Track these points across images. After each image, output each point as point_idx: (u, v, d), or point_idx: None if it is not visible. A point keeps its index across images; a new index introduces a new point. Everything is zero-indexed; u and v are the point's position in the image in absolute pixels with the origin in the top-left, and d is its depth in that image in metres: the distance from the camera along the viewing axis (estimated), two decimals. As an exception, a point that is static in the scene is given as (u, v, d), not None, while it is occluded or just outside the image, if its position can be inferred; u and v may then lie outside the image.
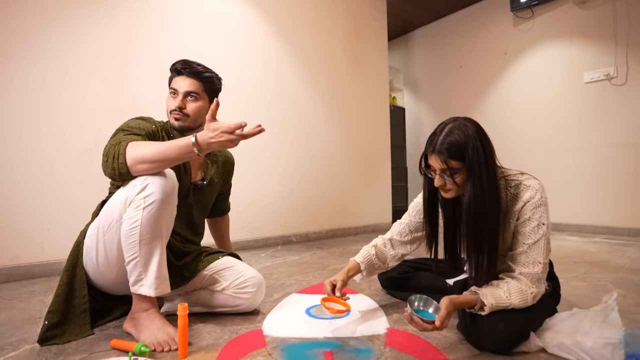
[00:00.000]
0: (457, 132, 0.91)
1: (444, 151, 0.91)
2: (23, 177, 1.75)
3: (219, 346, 0.94)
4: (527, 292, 0.90)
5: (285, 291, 1.45)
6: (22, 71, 1.76)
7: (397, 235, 1.22)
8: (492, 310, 0.88)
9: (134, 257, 0.93)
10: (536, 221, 0.93)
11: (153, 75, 2.13)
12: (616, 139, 3.10)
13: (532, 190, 0.94)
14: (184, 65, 1.14)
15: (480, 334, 0.90)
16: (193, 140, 0.91)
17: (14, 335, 1.03)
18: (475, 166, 0.90)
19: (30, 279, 1.73)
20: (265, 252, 2.43)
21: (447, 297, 0.88)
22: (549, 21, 3.53)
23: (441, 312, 0.84)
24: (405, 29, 4.82)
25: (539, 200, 0.93)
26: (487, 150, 0.92)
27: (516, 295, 0.89)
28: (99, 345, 0.94)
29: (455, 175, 0.92)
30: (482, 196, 0.90)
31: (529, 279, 0.91)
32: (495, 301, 0.88)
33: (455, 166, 0.92)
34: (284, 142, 2.84)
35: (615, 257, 2.15)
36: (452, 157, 0.91)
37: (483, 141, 0.92)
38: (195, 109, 1.13)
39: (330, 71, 3.20)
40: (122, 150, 0.92)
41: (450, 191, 0.96)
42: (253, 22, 2.67)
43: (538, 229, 0.93)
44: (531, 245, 0.93)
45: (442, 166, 0.92)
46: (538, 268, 0.91)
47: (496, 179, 0.93)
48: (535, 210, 0.93)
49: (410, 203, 1.25)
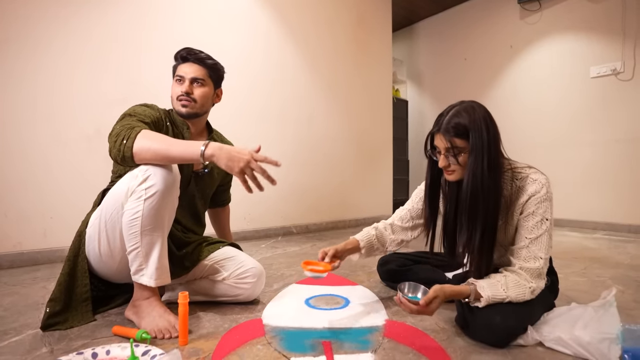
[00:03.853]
0: (464, 113, 0.92)
1: (450, 129, 0.92)
2: (25, 165, 1.75)
3: (218, 334, 0.95)
4: (526, 286, 0.90)
5: (285, 281, 1.46)
6: (24, 59, 1.75)
7: (399, 221, 1.23)
8: (489, 302, 0.88)
9: (135, 247, 0.94)
10: (540, 216, 0.93)
11: (155, 63, 2.12)
12: (618, 135, 3.08)
13: (538, 184, 0.93)
14: (189, 52, 1.15)
15: (477, 327, 0.90)
16: (202, 149, 0.91)
17: (17, 321, 1.04)
18: (479, 146, 0.90)
19: (33, 265, 1.75)
20: (265, 243, 2.44)
21: (439, 284, 0.89)
22: (556, 14, 3.48)
23: (428, 295, 0.86)
24: (410, 20, 4.75)
25: (544, 195, 0.93)
26: (492, 134, 0.92)
27: (514, 289, 0.89)
28: (101, 332, 0.96)
29: (459, 155, 0.93)
30: (482, 177, 0.90)
31: (529, 274, 0.91)
32: (492, 293, 0.88)
33: (460, 145, 0.92)
34: (285, 133, 2.83)
35: (615, 253, 2.16)
36: (457, 136, 0.92)
37: (489, 124, 0.93)
38: (201, 94, 1.15)
39: (333, 61, 3.17)
40: (134, 135, 0.92)
41: (454, 173, 0.96)
42: (256, 10, 2.64)
43: (541, 224, 0.92)
44: (533, 240, 0.93)
45: (447, 145, 0.93)
46: (539, 263, 0.91)
47: (499, 164, 0.93)
48: (540, 204, 0.93)
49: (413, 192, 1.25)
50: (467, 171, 0.92)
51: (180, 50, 1.16)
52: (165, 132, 1.11)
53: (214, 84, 1.20)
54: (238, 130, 2.46)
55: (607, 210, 3.14)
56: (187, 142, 0.93)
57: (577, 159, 3.31)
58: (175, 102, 1.15)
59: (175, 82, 1.16)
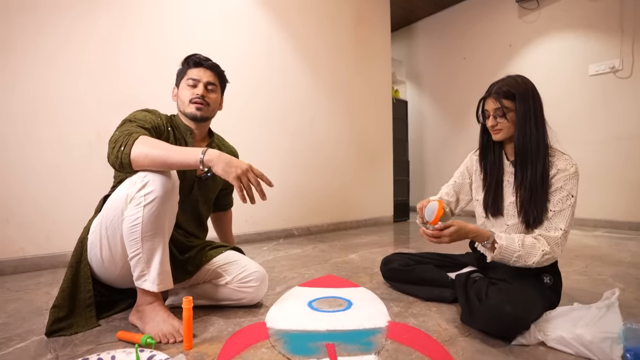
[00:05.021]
0: (511, 80, 1.05)
1: (500, 92, 1.04)
2: (27, 170, 1.76)
3: (223, 338, 0.95)
4: (539, 248, 0.95)
5: (288, 284, 1.47)
6: (25, 64, 1.76)
7: (445, 196, 1.33)
8: (500, 250, 0.95)
9: (136, 253, 0.94)
10: (567, 191, 0.99)
11: (156, 68, 2.13)
12: (618, 132, 3.08)
13: (569, 163, 1.02)
14: (202, 58, 1.18)
15: (487, 319, 0.91)
16: (202, 156, 0.92)
17: (21, 327, 1.05)
18: (525, 106, 1.01)
19: (36, 270, 1.76)
20: (267, 246, 2.44)
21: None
22: (554, 12, 3.48)
23: (446, 223, 1.00)
24: (408, 20, 4.76)
25: (573, 173, 1.00)
26: (537, 101, 1.04)
27: (528, 247, 0.95)
28: (106, 337, 0.96)
29: (507, 114, 1.04)
30: (530, 132, 1.01)
31: (547, 240, 0.97)
32: (507, 243, 0.96)
33: (507, 105, 1.04)
34: (287, 135, 2.84)
35: (616, 251, 2.16)
36: (505, 97, 1.04)
37: (535, 92, 1.04)
38: (214, 99, 1.20)
39: (333, 64, 3.18)
40: (131, 141, 0.92)
41: (501, 132, 1.07)
42: (256, 12, 2.64)
43: (567, 199, 0.99)
44: (557, 212, 0.99)
45: (496, 105, 1.05)
46: (558, 233, 0.97)
47: (543, 123, 1.04)
48: (568, 181, 1.00)
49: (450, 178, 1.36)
50: (516, 126, 1.03)
51: (191, 55, 1.18)
52: (166, 137, 1.11)
53: (221, 91, 1.24)
54: (241, 134, 2.47)
55: (607, 208, 3.14)
56: (186, 149, 0.94)
57: (577, 157, 3.25)
58: (187, 105, 1.15)
59: (186, 86, 1.16)
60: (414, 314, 1.13)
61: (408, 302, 1.24)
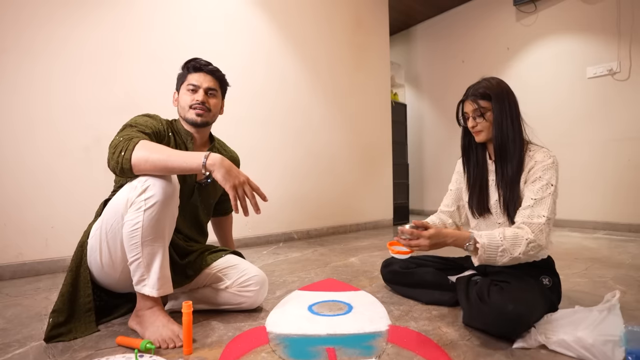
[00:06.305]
0: (486, 82, 1.10)
1: (477, 93, 1.09)
2: (26, 175, 1.76)
3: (223, 343, 0.95)
4: (523, 237, 0.95)
5: (288, 288, 1.46)
6: (25, 68, 1.76)
7: (445, 207, 1.35)
8: (484, 249, 0.93)
9: (136, 258, 0.94)
10: (546, 180, 1.00)
11: (156, 73, 2.13)
12: (617, 134, 3.09)
13: (545, 154, 1.03)
14: (202, 63, 1.17)
15: (490, 318, 0.91)
16: (204, 160, 0.92)
17: (20, 332, 1.04)
18: (501, 105, 1.06)
19: (35, 275, 1.75)
20: (267, 249, 2.44)
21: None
22: (552, 15, 3.51)
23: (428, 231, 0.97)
24: (407, 24, 4.78)
25: (550, 163, 1.02)
26: (512, 100, 1.08)
27: (511, 239, 0.94)
28: (105, 342, 0.96)
29: (485, 114, 1.08)
30: (507, 128, 1.05)
31: (530, 227, 0.97)
32: (488, 240, 0.94)
33: (484, 105, 1.08)
34: (286, 139, 2.84)
35: (616, 253, 2.16)
36: (482, 98, 1.08)
37: (510, 92, 1.09)
38: (215, 104, 1.20)
39: (332, 68, 3.19)
40: (132, 146, 0.92)
41: (482, 132, 1.10)
42: (255, 17, 2.65)
43: (546, 188, 1.00)
44: (538, 200, 0.99)
45: (474, 107, 1.09)
46: (541, 220, 0.97)
47: (519, 121, 1.08)
48: (546, 171, 1.01)
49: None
50: (493, 124, 1.07)
51: (191, 60, 1.18)
52: (166, 142, 1.11)
53: (221, 96, 1.24)
54: (242, 138, 2.47)
55: (607, 210, 3.14)
56: (187, 153, 0.94)
57: (576, 159, 3.32)
58: (187, 110, 1.16)
59: (187, 91, 1.16)
60: (415, 317, 1.13)
61: (409, 306, 1.23)
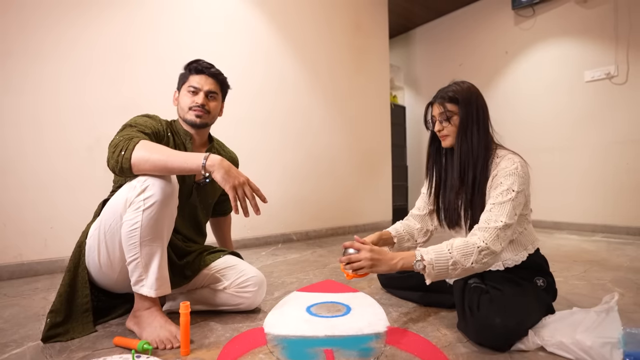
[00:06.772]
0: (455, 86, 1.08)
1: (444, 96, 1.06)
2: (26, 175, 1.76)
3: (220, 344, 0.95)
4: (473, 244, 0.90)
5: (286, 289, 1.46)
6: (23, 69, 1.76)
7: (416, 210, 1.30)
8: (432, 266, 0.89)
9: (134, 258, 0.94)
10: (507, 186, 0.97)
11: (156, 73, 2.14)
12: (615, 137, 3.10)
13: (510, 161, 1.00)
14: (204, 65, 1.18)
15: (478, 330, 0.91)
16: (204, 161, 0.92)
17: (17, 333, 1.04)
18: (468, 111, 1.03)
19: (34, 276, 1.75)
20: (266, 250, 2.44)
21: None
22: (550, 19, 3.52)
23: (362, 252, 0.94)
24: (406, 27, 4.80)
25: (513, 170, 0.98)
26: (481, 105, 1.06)
27: (459, 249, 0.90)
28: (102, 343, 0.95)
29: (451, 118, 1.05)
30: (472, 135, 1.02)
31: (484, 233, 0.92)
32: (435, 255, 0.90)
33: (451, 109, 1.05)
34: (286, 141, 2.85)
35: (614, 255, 2.16)
36: (449, 101, 1.05)
37: (479, 97, 1.06)
38: (215, 107, 1.20)
39: (331, 71, 3.20)
40: (132, 146, 0.92)
41: (448, 137, 1.07)
42: (255, 19, 2.66)
43: (506, 193, 0.96)
44: (496, 205, 0.96)
45: (440, 110, 1.06)
46: (498, 224, 0.93)
47: (487, 129, 1.05)
48: (508, 177, 0.98)
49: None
50: (458, 129, 1.04)
51: (193, 62, 1.18)
52: (165, 142, 1.12)
53: (222, 98, 1.25)
54: (242, 140, 2.47)
55: (606, 213, 3.15)
56: (187, 154, 0.94)
57: (574, 163, 3.33)
58: (187, 111, 1.16)
59: (187, 93, 1.17)
60: (413, 319, 1.13)
61: (407, 308, 1.23)
